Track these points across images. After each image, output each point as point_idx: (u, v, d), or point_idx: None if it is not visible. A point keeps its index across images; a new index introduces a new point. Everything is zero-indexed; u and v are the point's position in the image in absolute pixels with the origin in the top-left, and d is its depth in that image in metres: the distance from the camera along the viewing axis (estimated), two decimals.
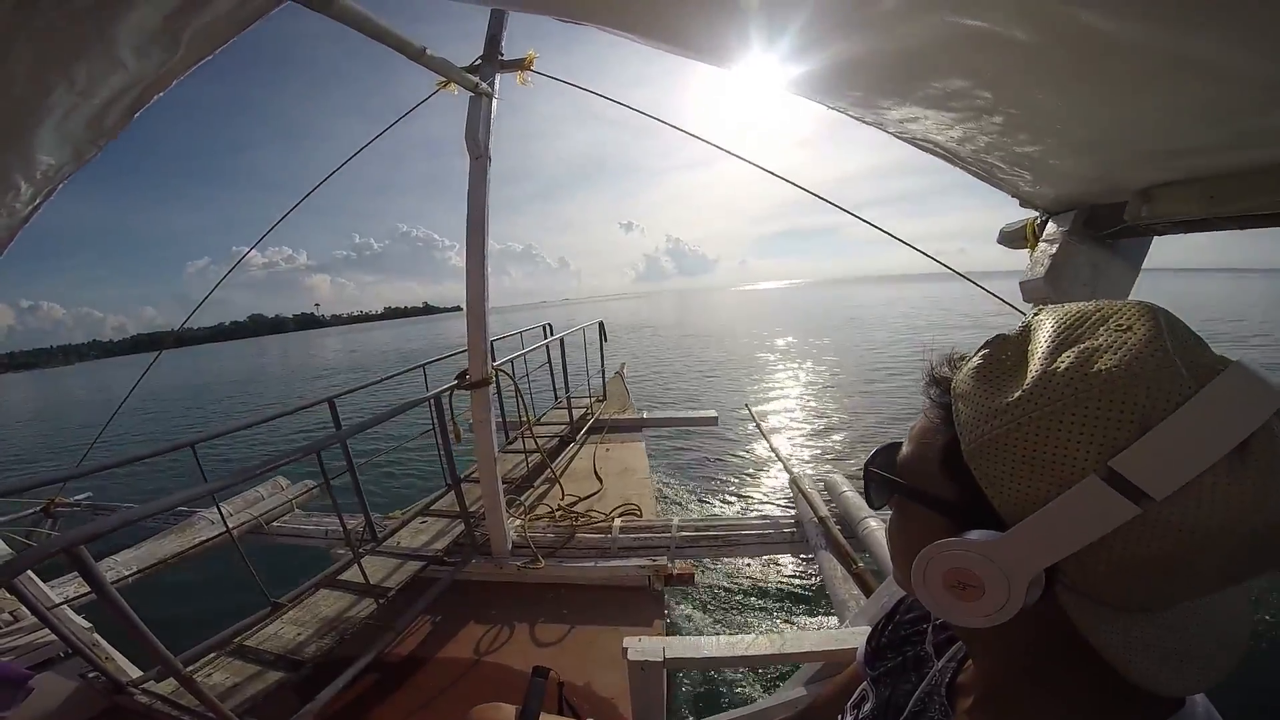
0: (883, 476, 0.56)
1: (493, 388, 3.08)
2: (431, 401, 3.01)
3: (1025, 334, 0.47)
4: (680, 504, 6.52)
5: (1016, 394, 0.43)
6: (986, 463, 0.44)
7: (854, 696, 0.78)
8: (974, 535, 0.45)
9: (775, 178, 2.50)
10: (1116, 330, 0.41)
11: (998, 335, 0.49)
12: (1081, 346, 0.42)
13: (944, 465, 0.49)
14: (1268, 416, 0.36)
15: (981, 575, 0.44)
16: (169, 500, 1.85)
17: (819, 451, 8.72)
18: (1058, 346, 0.43)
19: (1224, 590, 0.41)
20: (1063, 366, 0.42)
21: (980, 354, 0.49)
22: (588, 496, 4.15)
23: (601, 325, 6.92)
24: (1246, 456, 0.36)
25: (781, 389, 14.20)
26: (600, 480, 4.49)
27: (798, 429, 10.25)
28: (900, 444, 0.57)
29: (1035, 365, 0.44)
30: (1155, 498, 0.36)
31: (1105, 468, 0.38)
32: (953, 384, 0.50)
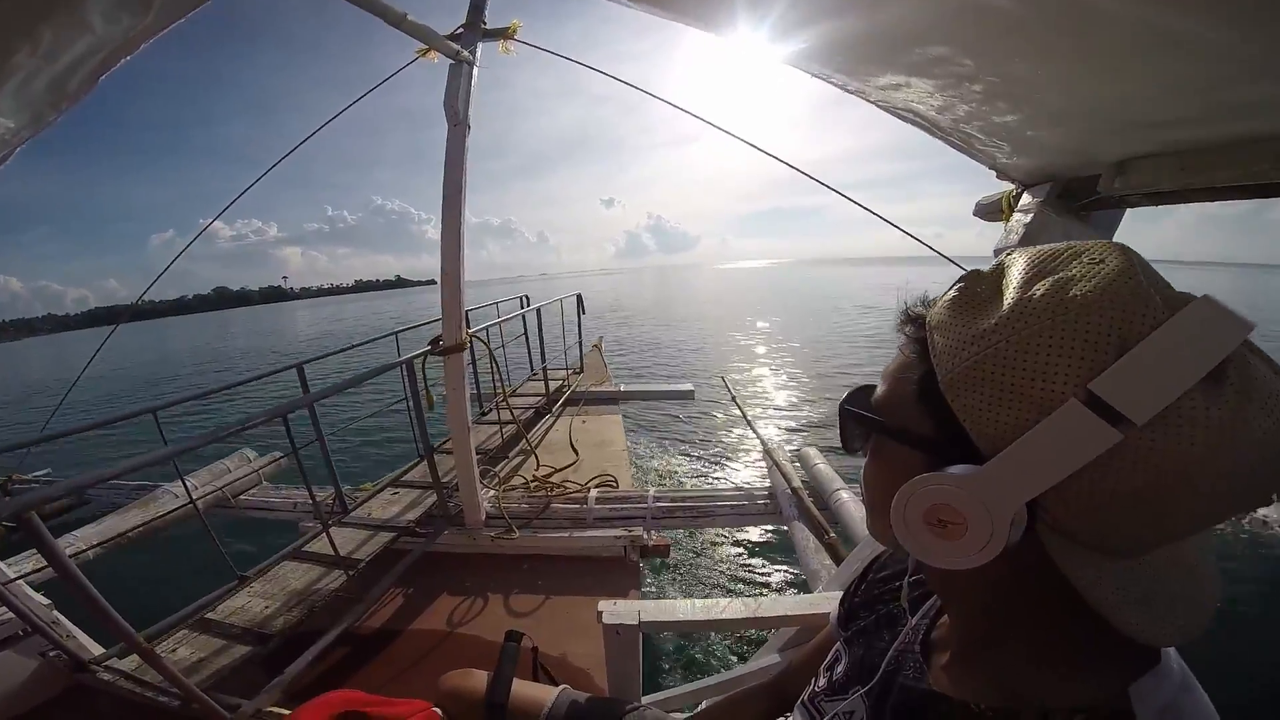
0: (858, 414, 0.55)
1: (467, 355, 3.03)
2: (403, 367, 2.94)
3: (999, 270, 0.47)
4: (657, 476, 6.55)
5: (992, 320, 0.42)
6: (964, 393, 0.43)
7: (827, 659, 0.78)
8: (955, 469, 0.44)
9: (766, 155, 2.47)
10: (1090, 263, 0.41)
11: (972, 270, 0.49)
12: (1056, 277, 0.42)
13: (921, 399, 0.48)
14: (1239, 343, 0.37)
15: (963, 511, 0.43)
16: (127, 464, 1.77)
17: (793, 425, 8.81)
18: (1032, 278, 0.43)
19: (1203, 533, 0.41)
20: (1038, 294, 0.41)
21: (955, 287, 0.48)
22: (564, 468, 4.13)
23: (579, 298, 6.86)
24: (1223, 381, 0.36)
25: (756, 364, 14.29)
26: (576, 452, 4.48)
27: (772, 403, 10.35)
28: (874, 386, 0.56)
29: (1010, 294, 0.43)
30: (1136, 422, 0.36)
31: (1085, 391, 0.38)
32: (928, 318, 0.49)
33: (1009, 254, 0.48)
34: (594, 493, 3.54)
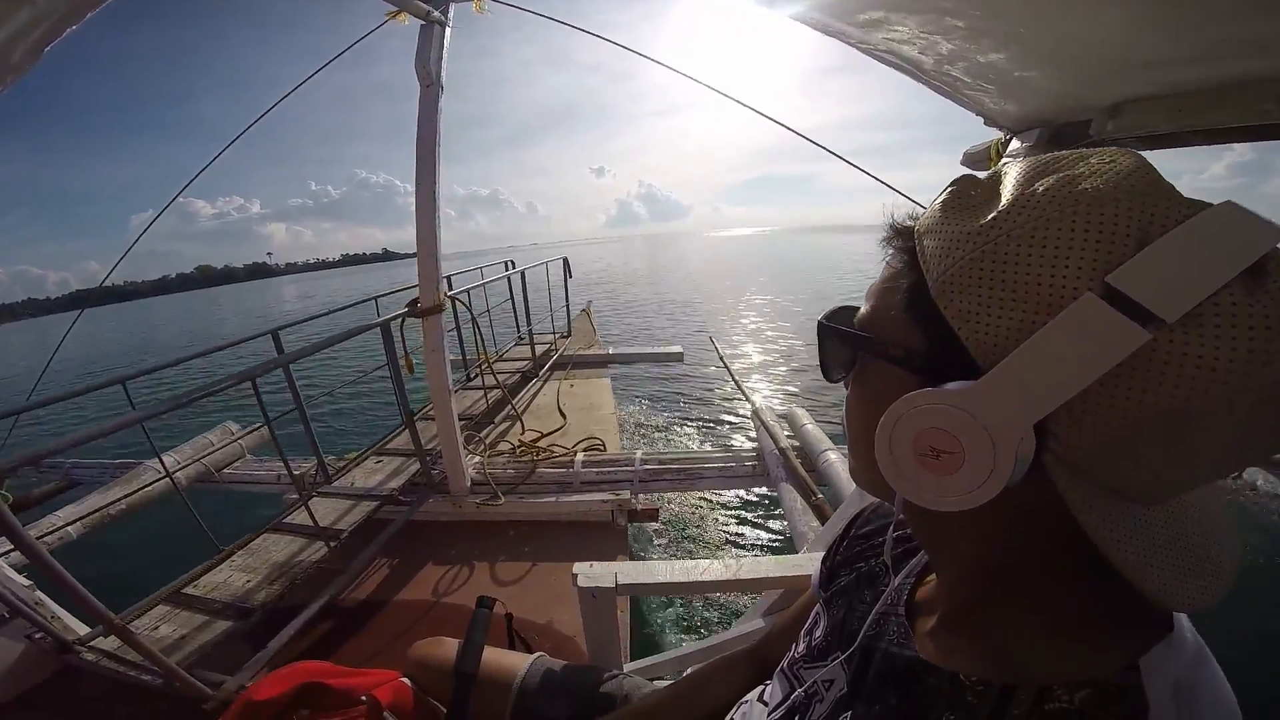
0: (839, 331, 0.49)
1: (448, 318, 2.96)
2: (380, 330, 2.87)
3: (995, 174, 0.42)
4: (645, 439, 6.54)
5: (989, 215, 0.38)
6: (958, 297, 0.38)
7: (807, 623, 0.73)
8: (950, 386, 0.38)
9: (767, 119, 2.43)
10: (1101, 162, 0.36)
11: (964, 174, 0.43)
12: (1062, 174, 0.37)
13: (909, 309, 0.42)
14: (1276, 243, 0.32)
15: (960, 436, 0.37)
16: (89, 432, 1.70)
17: (782, 388, 8.82)
18: (1034, 176, 0.38)
19: (1234, 472, 0.36)
20: (1041, 189, 0.37)
21: (946, 190, 0.43)
22: (551, 432, 4.09)
23: (565, 261, 6.76)
24: (1264, 277, 0.31)
25: (746, 328, 14.25)
26: (564, 416, 4.44)
27: (761, 366, 10.35)
28: (857, 307, 0.50)
29: (1009, 192, 0.38)
30: (1167, 320, 0.31)
31: (1102, 285, 0.33)
32: (916, 226, 0.44)
33: (1004, 162, 0.42)
34: (580, 456, 3.50)
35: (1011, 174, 0.40)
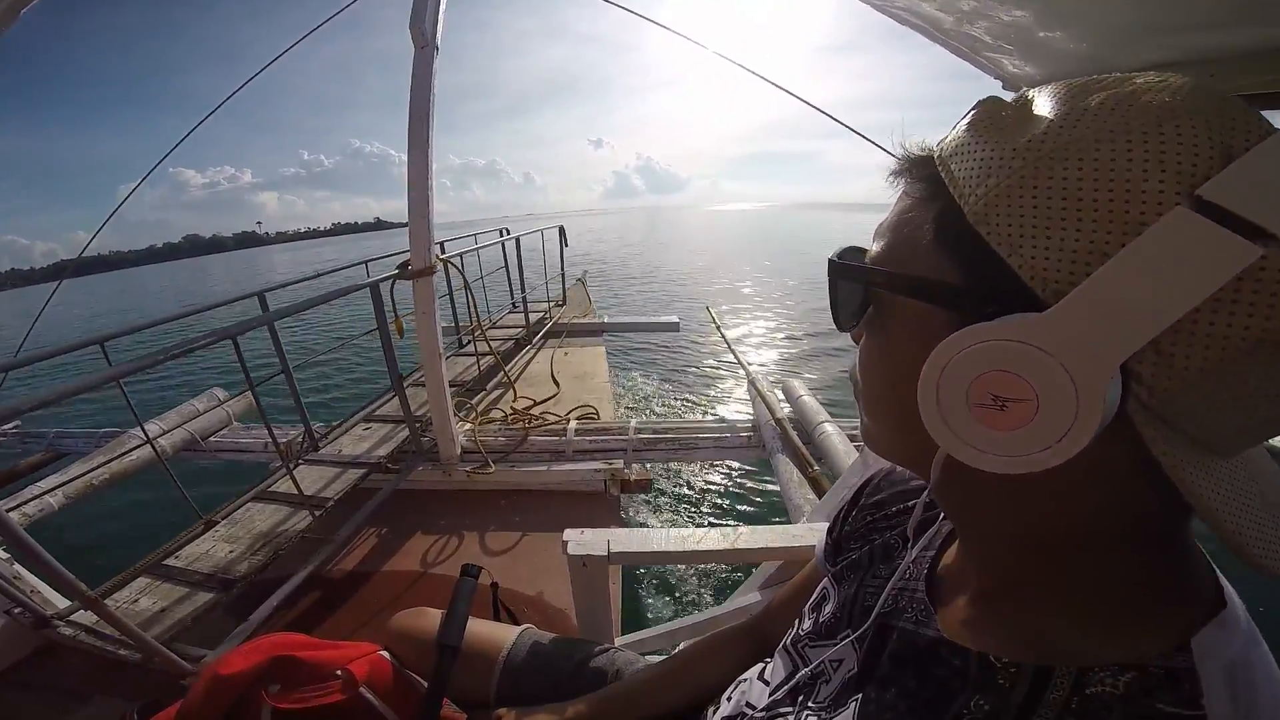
0: (858, 268, 0.42)
1: (440, 282, 2.87)
2: (370, 291, 2.79)
3: (1023, 99, 0.36)
4: (639, 408, 6.50)
5: (1039, 129, 0.32)
6: (1005, 220, 0.32)
7: (813, 598, 0.68)
8: (1012, 318, 0.31)
9: (782, 90, 2.40)
10: (1152, 80, 0.31)
11: (990, 96, 0.38)
12: (1111, 91, 0.31)
13: (939, 240, 0.36)
14: None
15: (1031, 379, 0.31)
16: (61, 389, 1.61)
17: (779, 358, 8.77)
18: (1079, 92, 0.33)
19: None
20: (1095, 102, 0.31)
21: (972, 112, 0.37)
22: (543, 400, 4.05)
23: (562, 229, 6.68)
24: None
25: (744, 299, 14.20)
26: (557, 384, 4.39)
27: (759, 337, 10.30)
28: (866, 249, 0.44)
29: (1055, 109, 0.33)
30: (1279, 235, 0.26)
31: (1193, 199, 0.27)
32: (937, 153, 0.37)
33: (1029, 91, 0.36)
34: (573, 425, 3.45)
35: (1048, 93, 0.35)
